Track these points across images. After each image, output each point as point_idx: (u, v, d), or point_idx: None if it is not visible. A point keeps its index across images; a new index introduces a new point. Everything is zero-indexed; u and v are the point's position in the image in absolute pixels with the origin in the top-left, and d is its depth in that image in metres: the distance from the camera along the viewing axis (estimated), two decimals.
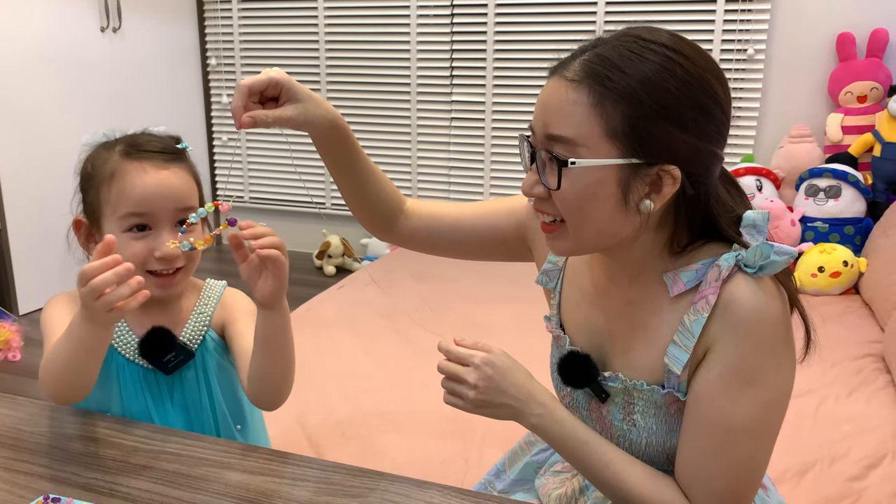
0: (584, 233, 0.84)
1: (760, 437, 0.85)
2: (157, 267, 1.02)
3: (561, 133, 0.81)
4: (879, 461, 1.56)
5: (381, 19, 3.81)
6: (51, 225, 3.37)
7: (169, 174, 1.02)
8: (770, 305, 0.81)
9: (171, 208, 1.02)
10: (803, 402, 1.82)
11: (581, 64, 0.81)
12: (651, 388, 0.89)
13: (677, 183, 0.80)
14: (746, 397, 0.82)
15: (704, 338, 0.83)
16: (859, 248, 2.85)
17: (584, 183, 0.81)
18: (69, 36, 3.37)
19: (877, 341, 2.22)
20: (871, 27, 3.02)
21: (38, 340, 2.96)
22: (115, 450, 0.97)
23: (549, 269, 1.04)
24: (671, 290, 0.86)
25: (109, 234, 0.90)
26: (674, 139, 0.79)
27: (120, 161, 1.02)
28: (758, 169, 3.10)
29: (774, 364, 0.83)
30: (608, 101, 0.78)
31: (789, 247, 0.80)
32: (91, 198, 1.05)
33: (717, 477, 0.85)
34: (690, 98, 0.79)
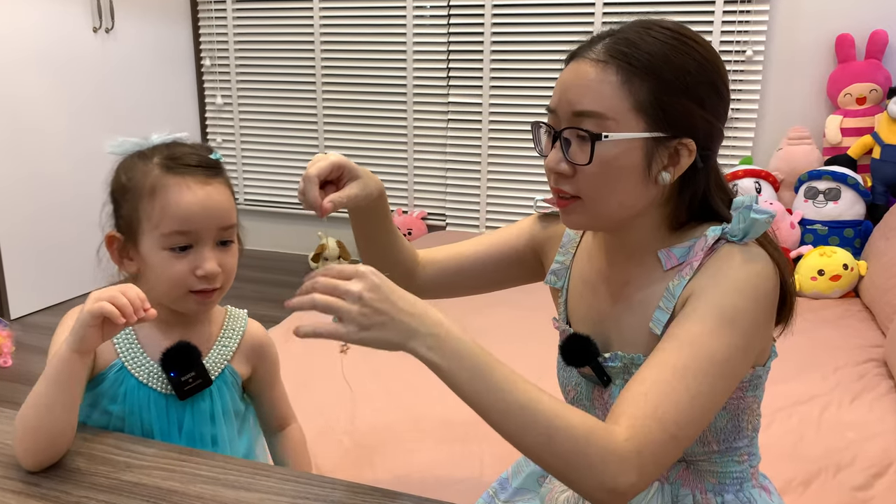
0: (605, 206, 0.88)
1: (722, 381, 0.81)
2: (198, 286, 0.99)
3: (591, 108, 0.85)
4: (885, 469, 1.54)
5: (378, 19, 3.78)
6: (42, 227, 3.35)
7: (212, 191, 0.99)
8: (759, 260, 0.85)
9: (214, 227, 0.99)
10: (806, 408, 1.80)
11: (605, 47, 0.87)
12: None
13: (693, 156, 0.87)
14: (721, 335, 0.81)
15: (685, 293, 0.86)
16: (859, 251, 2.84)
17: (612, 155, 0.85)
18: (61, 37, 3.34)
19: (878, 345, 2.20)
20: (870, 28, 3.00)
21: (31, 345, 2.94)
22: (108, 466, 0.95)
23: (557, 268, 1.07)
24: (665, 265, 0.91)
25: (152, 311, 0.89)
26: (693, 114, 0.86)
27: (161, 175, 0.98)
28: (756, 171, 3.08)
29: (753, 311, 0.83)
30: (635, 78, 0.84)
31: (768, 208, 0.85)
32: (127, 211, 1.00)
33: (669, 399, 0.77)
34: (706, 78, 0.87)
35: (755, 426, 0.99)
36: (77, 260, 3.52)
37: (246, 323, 1.13)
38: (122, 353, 1.02)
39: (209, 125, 4.27)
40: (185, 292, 0.99)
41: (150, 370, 1.03)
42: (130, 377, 1.02)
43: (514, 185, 3.71)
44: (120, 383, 1.02)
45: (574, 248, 1.07)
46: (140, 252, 1.00)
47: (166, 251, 0.98)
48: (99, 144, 3.95)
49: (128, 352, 1.03)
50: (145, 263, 1.00)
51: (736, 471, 0.99)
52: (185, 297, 0.99)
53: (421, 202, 3.95)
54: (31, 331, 3.14)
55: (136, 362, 1.03)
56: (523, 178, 3.68)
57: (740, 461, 0.99)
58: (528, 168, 3.65)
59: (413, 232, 3.80)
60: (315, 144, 4.07)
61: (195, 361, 1.02)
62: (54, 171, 3.38)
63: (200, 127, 4.28)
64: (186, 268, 0.98)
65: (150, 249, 0.98)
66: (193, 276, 0.98)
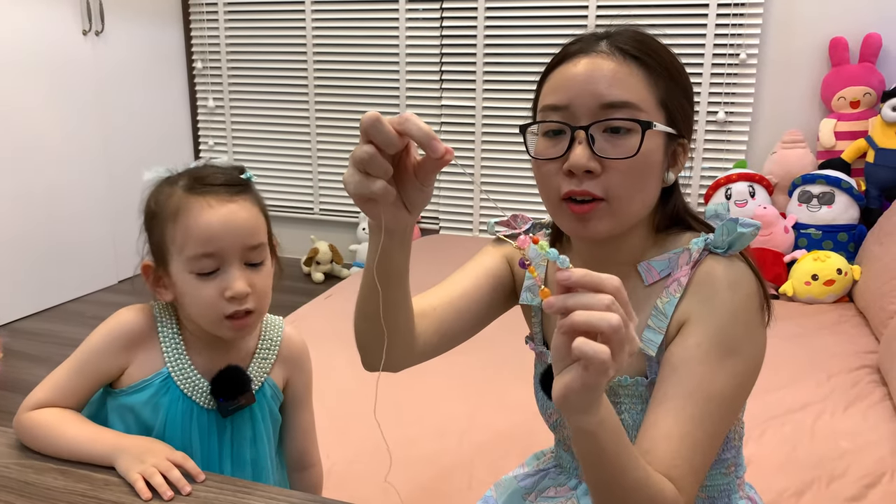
0: (631, 205, 0.85)
1: (732, 409, 0.84)
2: (230, 310, 0.95)
3: (626, 98, 0.82)
4: (878, 479, 1.52)
5: (370, 23, 3.77)
6: (29, 231, 3.33)
7: (235, 208, 0.95)
8: (744, 278, 0.84)
9: (238, 245, 0.95)
10: (799, 416, 1.79)
11: (614, 45, 0.85)
12: (635, 380, 0.89)
13: (687, 157, 0.89)
14: (725, 367, 0.82)
15: (677, 315, 0.85)
16: (853, 255, 2.83)
17: (648, 151, 0.83)
18: (49, 40, 3.31)
19: (872, 352, 2.19)
20: (863, 32, 2.99)
21: (19, 352, 2.91)
22: (85, 483, 0.92)
23: (530, 285, 1.02)
24: (646, 280, 0.89)
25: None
26: (690, 116, 0.89)
27: (183, 196, 0.95)
28: (750, 175, 3.07)
29: (750, 335, 0.84)
30: (654, 74, 0.84)
31: (753, 220, 0.84)
32: (157, 238, 0.98)
33: (697, 448, 0.80)
34: (689, 82, 0.90)
35: (740, 434, 0.98)
36: (67, 264, 3.50)
37: (282, 329, 1.11)
38: (171, 362, 1.00)
39: (201, 129, 4.24)
40: (220, 318, 0.95)
41: (196, 384, 1.01)
42: (175, 388, 1.00)
43: (507, 186, 3.70)
44: (164, 393, 1.00)
45: (546, 262, 1.02)
46: (171, 278, 0.97)
47: (193, 275, 0.95)
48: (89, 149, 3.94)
49: (176, 362, 1.00)
50: (177, 290, 0.97)
51: (723, 483, 0.98)
52: (219, 324, 0.96)
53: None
54: (20, 336, 3.11)
55: (184, 374, 1.01)
56: (516, 181, 3.67)
57: (727, 473, 0.97)
58: (522, 171, 3.63)
59: None
60: (308, 147, 4.05)
61: (245, 388, 1.01)
62: (44, 175, 3.35)
63: (192, 130, 4.25)
64: (215, 291, 0.94)
65: (179, 275, 0.96)
66: (223, 299, 0.94)
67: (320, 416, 1.83)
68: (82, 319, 3.30)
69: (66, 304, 3.49)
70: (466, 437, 1.70)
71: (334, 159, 4.02)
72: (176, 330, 1.02)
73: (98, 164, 3.62)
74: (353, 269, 3.85)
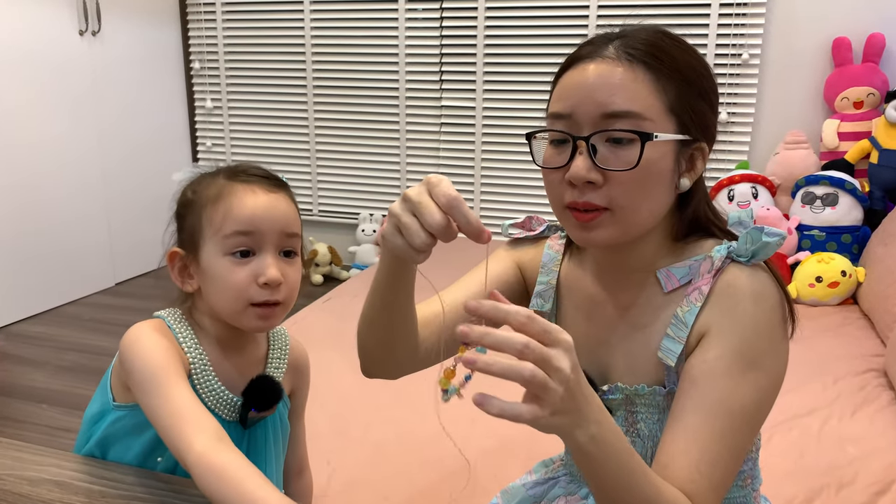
0: (637, 215, 0.83)
1: (754, 424, 0.83)
2: (259, 297, 0.92)
3: (629, 108, 0.80)
4: (888, 487, 1.50)
5: (369, 22, 3.74)
6: (25, 233, 3.30)
7: (277, 197, 0.95)
8: (767, 290, 0.82)
9: (277, 231, 0.94)
10: (807, 421, 1.77)
11: (623, 49, 0.82)
12: (652, 389, 0.87)
13: (706, 160, 0.85)
14: (748, 381, 0.80)
15: (698, 326, 0.83)
16: (857, 257, 2.81)
17: (653, 159, 0.81)
18: (46, 40, 3.28)
19: (878, 355, 2.17)
20: (867, 32, 2.98)
21: (15, 356, 2.88)
22: (82, 496, 0.90)
23: (542, 290, 1.00)
24: (665, 286, 0.87)
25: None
26: (708, 118, 0.85)
27: (226, 183, 0.95)
28: (753, 176, 3.06)
29: (773, 348, 0.82)
30: (664, 79, 0.81)
31: (778, 229, 0.81)
32: (190, 223, 0.96)
33: (716, 465, 0.79)
34: (711, 82, 0.86)
35: (757, 446, 0.96)
36: (63, 267, 3.47)
37: (288, 339, 1.09)
38: (196, 373, 0.96)
39: (199, 129, 4.22)
40: (246, 305, 0.93)
41: (219, 395, 0.98)
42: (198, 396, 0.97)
43: (507, 188, 3.68)
44: None
45: (557, 266, 1.00)
46: (201, 265, 0.95)
47: (227, 257, 0.93)
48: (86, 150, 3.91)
49: (201, 373, 0.97)
50: (205, 277, 0.95)
51: (739, 496, 0.95)
52: (245, 312, 0.93)
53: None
54: (16, 340, 3.08)
55: (208, 386, 0.98)
56: (517, 181, 3.65)
57: (743, 485, 0.95)
58: (522, 171, 3.61)
59: None
60: (306, 148, 4.03)
61: (278, 398, 0.99)
62: (41, 176, 3.32)
63: (190, 131, 4.23)
64: (248, 275, 0.92)
65: (211, 258, 0.93)
66: (255, 284, 0.92)
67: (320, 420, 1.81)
68: (79, 322, 3.27)
69: (63, 307, 3.46)
70: (469, 442, 1.68)
71: (333, 160, 4.00)
72: (195, 339, 0.98)
73: (95, 166, 3.59)
74: (352, 270, 3.83)
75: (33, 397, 2.48)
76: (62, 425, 2.32)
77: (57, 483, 0.92)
